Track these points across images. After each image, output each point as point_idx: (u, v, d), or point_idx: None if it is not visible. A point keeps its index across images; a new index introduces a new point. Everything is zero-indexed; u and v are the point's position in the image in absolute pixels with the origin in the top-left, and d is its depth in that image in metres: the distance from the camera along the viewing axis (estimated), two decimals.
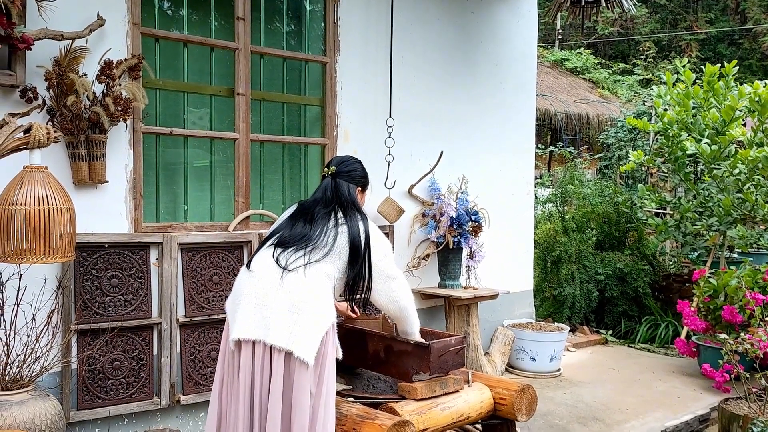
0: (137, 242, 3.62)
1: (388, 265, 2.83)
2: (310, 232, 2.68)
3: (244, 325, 2.56)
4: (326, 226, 2.70)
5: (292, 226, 2.74)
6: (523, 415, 3.23)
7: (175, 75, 3.97)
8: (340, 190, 2.82)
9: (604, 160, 10.77)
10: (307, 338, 2.50)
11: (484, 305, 5.24)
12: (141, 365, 3.64)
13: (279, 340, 2.48)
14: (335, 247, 2.67)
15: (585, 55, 17.32)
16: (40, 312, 3.23)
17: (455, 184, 5.03)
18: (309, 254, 2.63)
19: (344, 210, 2.77)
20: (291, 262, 2.60)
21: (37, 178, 2.85)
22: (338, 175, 2.86)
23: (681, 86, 6.13)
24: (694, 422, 4.44)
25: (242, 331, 2.55)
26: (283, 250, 2.64)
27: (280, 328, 2.50)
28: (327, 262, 2.65)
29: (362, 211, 2.85)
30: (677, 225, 6.40)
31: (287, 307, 2.52)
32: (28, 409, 2.88)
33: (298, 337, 2.48)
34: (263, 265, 2.64)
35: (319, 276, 2.61)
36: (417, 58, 4.98)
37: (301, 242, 2.66)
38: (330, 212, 2.75)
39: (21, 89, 3.18)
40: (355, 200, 2.85)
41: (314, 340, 2.51)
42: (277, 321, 2.51)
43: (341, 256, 2.68)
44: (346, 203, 2.80)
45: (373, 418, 2.77)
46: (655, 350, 6.28)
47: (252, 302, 2.58)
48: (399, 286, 2.88)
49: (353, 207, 2.81)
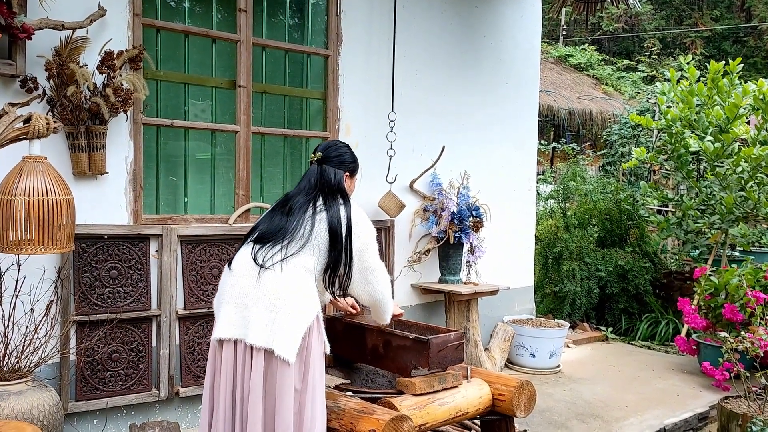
0: (137, 234, 3.61)
1: (369, 255, 2.73)
2: (286, 224, 2.60)
3: (224, 325, 2.54)
4: (303, 217, 2.61)
5: (271, 218, 2.67)
6: (521, 411, 3.22)
7: (176, 66, 3.95)
8: (325, 177, 2.73)
9: (607, 157, 10.74)
10: (288, 336, 2.45)
11: (485, 301, 5.23)
12: (140, 357, 3.63)
13: (258, 339, 2.44)
14: (313, 238, 2.58)
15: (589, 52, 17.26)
16: (39, 303, 3.23)
17: (457, 179, 5.01)
18: (286, 248, 2.55)
19: (325, 197, 2.68)
20: (268, 259, 2.53)
21: (36, 168, 2.85)
22: (325, 160, 2.77)
23: (685, 83, 6.10)
24: (693, 420, 4.43)
25: (223, 331, 2.53)
26: (261, 247, 2.58)
27: (259, 327, 2.46)
28: (305, 254, 2.57)
29: (347, 196, 2.75)
30: (679, 222, 6.38)
31: (265, 305, 2.48)
32: (26, 400, 2.88)
33: (278, 335, 2.44)
34: (242, 263, 2.59)
35: (296, 270, 2.54)
36: (420, 52, 4.95)
37: (278, 236, 2.58)
38: (309, 201, 2.66)
39: (21, 79, 3.17)
40: (341, 186, 2.75)
41: (295, 338, 2.45)
42: (256, 320, 2.47)
43: (320, 246, 2.60)
44: (329, 189, 2.70)
45: (371, 413, 2.76)
46: (656, 348, 6.27)
47: (232, 301, 2.55)
48: (376, 278, 2.78)
49: (337, 193, 2.72)
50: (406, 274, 4.90)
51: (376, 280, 2.79)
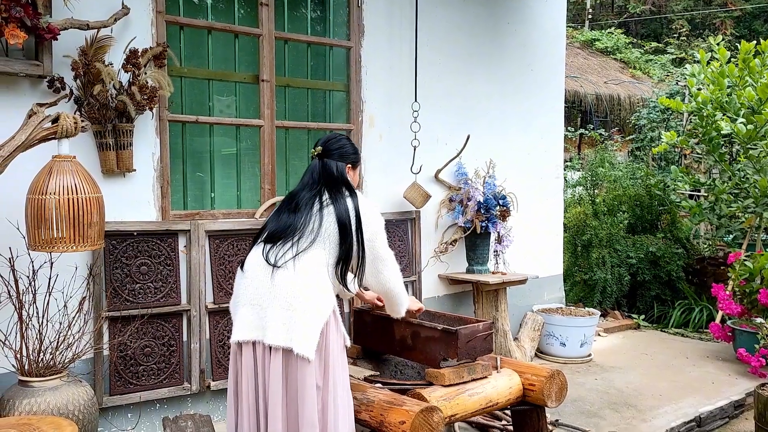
0: (165, 230, 3.65)
1: (378, 245, 2.71)
2: (294, 221, 2.59)
3: (242, 327, 2.54)
4: (311, 212, 2.60)
5: (278, 217, 2.66)
6: (553, 401, 3.20)
7: (199, 63, 3.97)
8: (327, 170, 2.71)
9: (636, 142, 10.57)
10: (306, 333, 2.44)
11: (513, 290, 5.19)
12: (171, 351, 3.68)
13: (276, 339, 2.45)
14: (323, 232, 2.57)
15: (616, 35, 16.94)
16: (72, 299, 3.28)
17: (482, 168, 4.97)
18: (296, 245, 2.54)
19: (330, 190, 2.66)
20: (280, 258, 2.53)
21: (65, 167, 2.89)
22: (326, 154, 2.75)
23: (715, 64, 5.97)
24: (729, 408, 4.35)
25: (241, 333, 2.54)
26: (272, 246, 2.57)
27: (277, 326, 2.46)
28: (317, 248, 2.56)
29: (352, 187, 2.73)
30: (712, 207, 6.26)
31: (281, 304, 2.47)
32: (62, 395, 2.93)
33: (296, 333, 2.44)
34: (254, 264, 2.59)
35: (310, 266, 2.53)
36: (442, 41, 4.91)
37: (287, 234, 2.57)
38: (315, 195, 2.65)
39: (48, 79, 3.21)
40: (344, 178, 2.74)
41: (313, 334, 2.45)
42: (273, 320, 2.47)
43: (331, 239, 2.59)
44: (333, 183, 2.69)
45: (400, 404, 2.76)
46: (689, 335, 6.17)
47: (248, 303, 2.55)
48: (386, 267, 2.77)
49: (342, 185, 2.70)
50: (433, 265, 4.88)
51: (386, 269, 2.78)
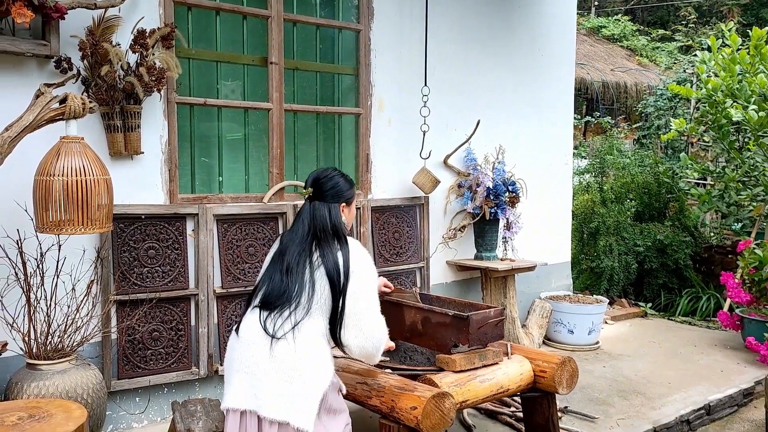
0: (173, 213, 3.61)
1: (368, 297, 2.55)
2: (289, 288, 2.48)
3: (233, 394, 2.46)
4: (303, 277, 2.49)
5: (271, 278, 2.54)
6: (564, 388, 3.18)
7: (207, 44, 3.92)
8: (318, 218, 2.58)
9: (642, 129, 10.51)
10: (304, 406, 2.38)
11: (521, 277, 5.16)
12: (179, 336, 3.66)
13: (273, 412, 2.37)
14: (317, 299, 2.48)
15: (623, 22, 16.81)
16: (80, 283, 3.26)
17: (492, 154, 4.92)
18: (294, 314, 2.45)
19: (320, 243, 2.54)
20: (278, 328, 2.43)
21: (73, 148, 2.85)
22: (318, 196, 2.62)
23: (727, 51, 5.89)
24: (739, 396, 4.33)
25: (232, 401, 2.45)
26: (269, 313, 2.47)
27: (273, 398, 2.38)
28: (315, 317, 2.47)
29: (343, 235, 2.59)
30: (721, 195, 6.20)
31: (280, 377, 2.40)
32: (70, 378, 2.91)
33: (295, 406, 2.37)
34: (251, 330, 2.49)
35: (309, 337, 2.45)
36: (453, 25, 4.85)
37: (283, 301, 2.48)
38: (306, 254, 2.53)
39: (56, 59, 3.17)
40: (335, 226, 2.59)
41: (312, 407, 2.39)
42: (270, 392, 2.39)
43: (326, 305, 2.50)
44: (323, 233, 2.56)
45: (412, 390, 2.74)
46: (696, 323, 6.14)
47: (241, 370, 2.47)
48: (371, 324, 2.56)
49: (333, 236, 2.57)
50: (441, 251, 4.85)
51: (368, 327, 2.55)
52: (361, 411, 3.78)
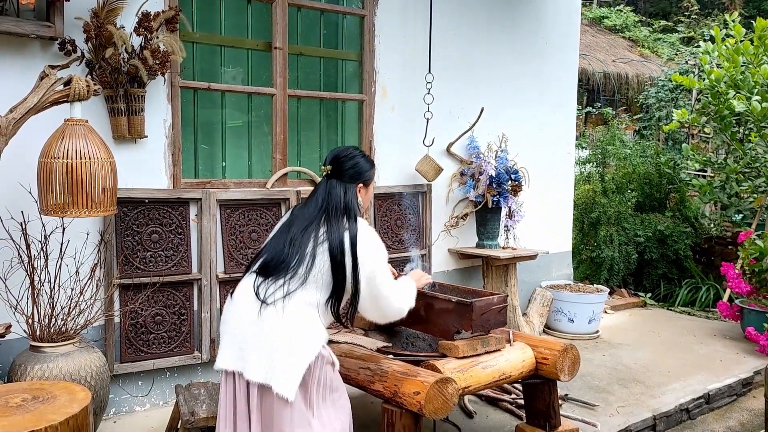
0: (177, 198, 3.61)
1: (379, 282, 2.57)
2: (289, 258, 2.47)
3: (224, 356, 2.47)
4: (305, 250, 2.47)
5: (275, 246, 2.54)
6: (566, 375, 3.18)
7: (211, 28, 3.90)
8: (333, 196, 2.55)
9: (643, 121, 10.49)
10: (287, 373, 2.35)
11: (522, 266, 5.17)
12: (182, 320, 3.66)
13: (256, 375, 2.36)
14: (315, 272, 2.46)
15: (625, 13, 16.75)
16: (83, 266, 3.26)
17: (495, 142, 4.91)
18: (288, 284, 2.44)
19: (329, 221, 2.51)
20: (269, 295, 2.43)
21: (78, 131, 2.84)
22: (335, 174, 2.60)
23: (731, 41, 5.88)
24: (738, 386, 4.35)
25: (222, 362, 2.47)
26: (264, 279, 2.47)
27: (258, 362, 2.37)
28: (308, 289, 2.45)
29: (355, 216, 2.56)
30: (722, 186, 6.21)
31: (266, 341, 2.39)
32: (74, 361, 2.92)
33: (277, 372, 2.35)
34: (244, 295, 2.50)
35: (299, 307, 2.43)
36: (457, 12, 4.83)
37: (280, 270, 2.47)
38: (312, 229, 2.51)
39: (60, 41, 3.15)
40: (349, 204, 2.57)
41: (295, 375, 2.35)
42: (255, 355, 2.39)
43: (324, 278, 2.48)
44: (334, 212, 2.53)
45: (415, 375, 2.75)
46: (696, 313, 6.16)
47: (231, 332, 2.48)
48: (389, 304, 2.64)
49: (344, 215, 2.54)
50: (443, 239, 4.85)
51: (389, 306, 2.65)
52: (363, 396, 3.80)
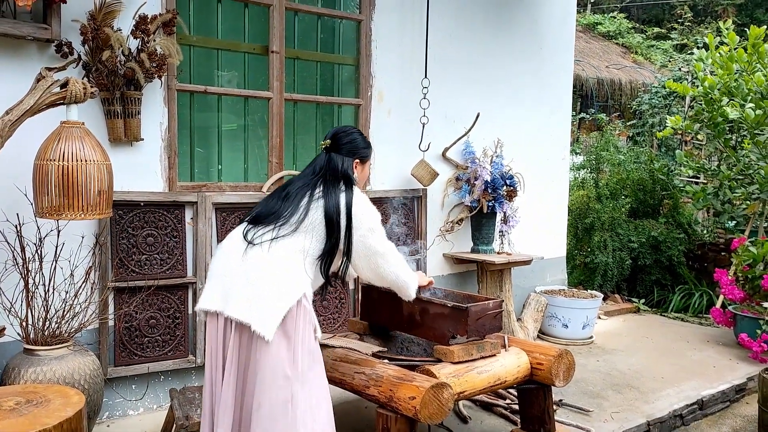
0: (172, 201, 3.60)
1: (375, 240, 2.65)
2: (280, 209, 2.55)
3: (206, 296, 2.50)
4: (300, 203, 2.55)
5: (267, 203, 2.62)
6: (560, 381, 3.19)
7: (208, 32, 3.90)
8: (331, 165, 2.65)
9: (636, 127, 10.54)
10: (266, 312, 2.36)
11: (517, 271, 5.18)
12: (176, 324, 3.65)
13: (236, 313, 2.38)
14: (307, 223, 2.52)
15: (618, 20, 16.83)
16: (78, 269, 3.24)
17: (490, 147, 4.92)
18: (277, 229, 2.50)
19: (326, 184, 2.60)
20: (257, 237, 2.49)
21: (74, 133, 2.83)
22: (334, 148, 2.69)
23: (724, 49, 5.92)
24: (731, 392, 4.37)
25: (204, 302, 2.49)
26: (253, 226, 2.54)
27: (239, 300, 2.40)
28: (297, 236, 2.50)
29: (351, 183, 2.65)
30: (716, 192, 6.24)
31: (247, 279, 2.42)
32: (68, 364, 2.91)
33: (256, 310, 2.37)
34: (231, 239, 2.56)
35: (285, 250, 2.47)
36: (454, 17, 4.84)
37: (270, 218, 2.54)
38: (308, 187, 2.60)
39: (56, 44, 3.14)
40: (347, 173, 2.66)
41: (274, 315, 2.37)
42: (237, 294, 2.41)
43: (315, 231, 2.53)
44: (332, 177, 2.62)
45: (410, 380, 2.75)
46: (689, 319, 6.18)
47: (217, 274, 2.51)
48: (386, 261, 2.71)
49: (340, 180, 2.63)
50: (438, 244, 4.85)
51: (386, 263, 2.71)
52: (358, 401, 3.79)
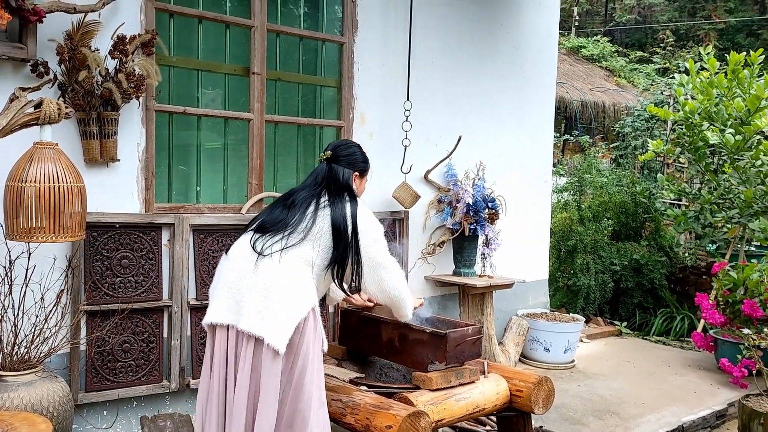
0: (149, 223, 3.55)
1: (378, 252, 2.68)
2: (287, 217, 2.57)
3: (217, 310, 2.49)
4: (306, 211, 2.58)
5: (272, 211, 2.64)
6: (540, 408, 3.15)
7: (189, 52, 3.88)
8: (333, 175, 2.68)
9: (619, 149, 10.63)
10: (279, 325, 2.39)
11: (499, 294, 5.15)
12: (151, 348, 3.58)
13: (249, 326, 2.39)
14: (314, 232, 2.54)
15: (602, 43, 17.06)
16: (49, 292, 3.17)
17: (472, 170, 4.92)
18: (286, 239, 2.51)
19: (330, 194, 2.63)
20: (267, 247, 2.50)
21: (47, 154, 2.79)
22: (334, 159, 2.72)
23: (705, 74, 5.99)
24: (712, 418, 4.35)
25: (215, 315, 2.49)
26: (260, 236, 2.54)
27: (252, 313, 2.41)
28: (305, 246, 2.52)
29: (354, 195, 2.70)
30: (696, 216, 6.28)
31: (260, 292, 2.43)
32: (36, 391, 2.83)
33: (269, 323, 2.38)
34: (240, 250, 2.56)
35: (295, 261, 2.50)
36: (436, 41, 4.86)
37: (278, 227, 2.55)
38: (314, 196, 2.62)
39: (32, 63, 3.10)
40: (348, 185, 2.70)
41: (287, 328, 2.40)
42: (249, 306, 2.42)
43: (323, 240, 2.55)
44: (335, 187, 2.66)
45: (387, 408, 2.70)
46: (670, 343, 6.18)
47: (227, 286, 2.51)
48: (389, 274, 2.74)
49: (344, 191, 2.66)
50: (419, 266, 4.82)
51: (389, 277, 2.74)
52: (335, 429, 3.72)
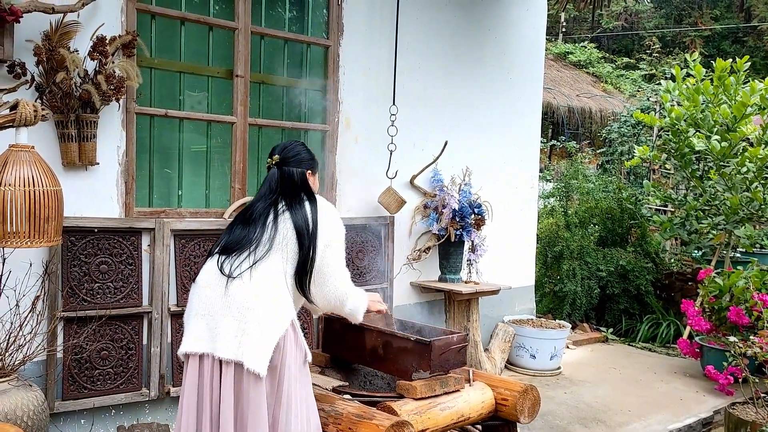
0: (128, 227, 3.48)
1: (330, 254, 2.55)
2: (249, 233, 2.49)
3: (190, 339, 2.41)
4: (267, 221, 2.50)
5: (232, 231, 2.55)
6: (525, 417, 3.12)
7: (171, 54, 3.82)
8: (285, 178, 2.61)
9: (606, 155, 10.65)
10: (258, 348, 2.31)
11: (485, 300, 5.12)
12: (130, 355, 3.51)
13: (227, 352, 2.31)
14: (279, 240, 2.47)
15: (589, 49, 17.13)
16: (25, 298, 3.09)
17: (458, 175, 4.89)
18: (253, 254, 2.44)
19: (287, 198, 2.57)
20: (235, 268, 2.41)
21: (22, 157, 2.71)
22: (283, 162, 2.65)
23: (691, 81, 5.99)
24: (697, 425, 4.33)
25: (189, 345, 2.41)
26: (227, 257, 2.46)
27: (228, 338, 2.32)
28: (274, 256, 2.45)
29: (312, 193, 2.64)
30: (682, 223, 6.27)
31: (234, 315, 2.34)
32: (10, 400, 2.75)
33: (247, 347, 2.30)
34: (207, 275, 2.48)
35: (266, 276, 2.42)
36: (423, 45, 4.82)
37: (242, 245, 2.46)
38: (271, 205, 2.55)
39: (8, 64, 3.03)
40: (304, 184, 2.64)
41: (266, 350, 2.32)
42: (225, 332, 2.34)
43: (289, 246, 2.48)
44: (291, 190, 2.59)
45: (370, 418, 2.65)
46: (656, 350, 6.17)
47: (199, 314, 2.42)
48: (331, 279, 2.57)
49: (301, 191, 2.60)
50: (405, 272, 4.78)
51: (331, 281, 2.57)
52: None
